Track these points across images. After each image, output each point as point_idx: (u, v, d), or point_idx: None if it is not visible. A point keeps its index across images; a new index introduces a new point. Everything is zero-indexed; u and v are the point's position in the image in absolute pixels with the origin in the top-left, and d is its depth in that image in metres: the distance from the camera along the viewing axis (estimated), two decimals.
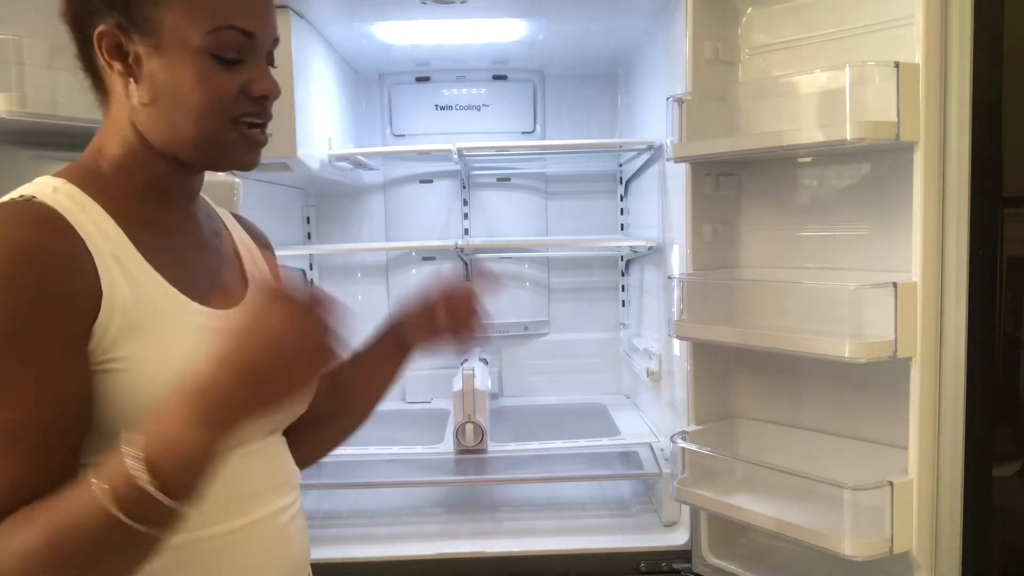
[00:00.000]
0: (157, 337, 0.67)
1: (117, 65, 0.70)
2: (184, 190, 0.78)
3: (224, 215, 0.90)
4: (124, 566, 0.59)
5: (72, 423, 0.63)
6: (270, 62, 0.76)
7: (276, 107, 0.77)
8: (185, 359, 0.64)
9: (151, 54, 0.69)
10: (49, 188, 0.68)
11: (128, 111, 0.72)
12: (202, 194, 0.86)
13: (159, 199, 0.75)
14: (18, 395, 0.61)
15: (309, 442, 0.91)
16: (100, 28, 0.69)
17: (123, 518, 0.54)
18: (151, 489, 0.55)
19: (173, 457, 0.56)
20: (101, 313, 0.65)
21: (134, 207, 0.72)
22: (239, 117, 0.72)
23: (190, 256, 0.77)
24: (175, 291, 0.71)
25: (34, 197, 0.66)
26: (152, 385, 0.65)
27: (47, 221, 0.65)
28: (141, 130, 0.72)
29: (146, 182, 0.74)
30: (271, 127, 0.79)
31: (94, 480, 0.56)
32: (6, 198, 0.67)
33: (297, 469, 0.86)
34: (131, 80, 0.70)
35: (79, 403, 0.64)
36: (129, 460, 0.55)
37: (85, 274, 0.65)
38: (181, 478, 0.56)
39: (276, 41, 0.76)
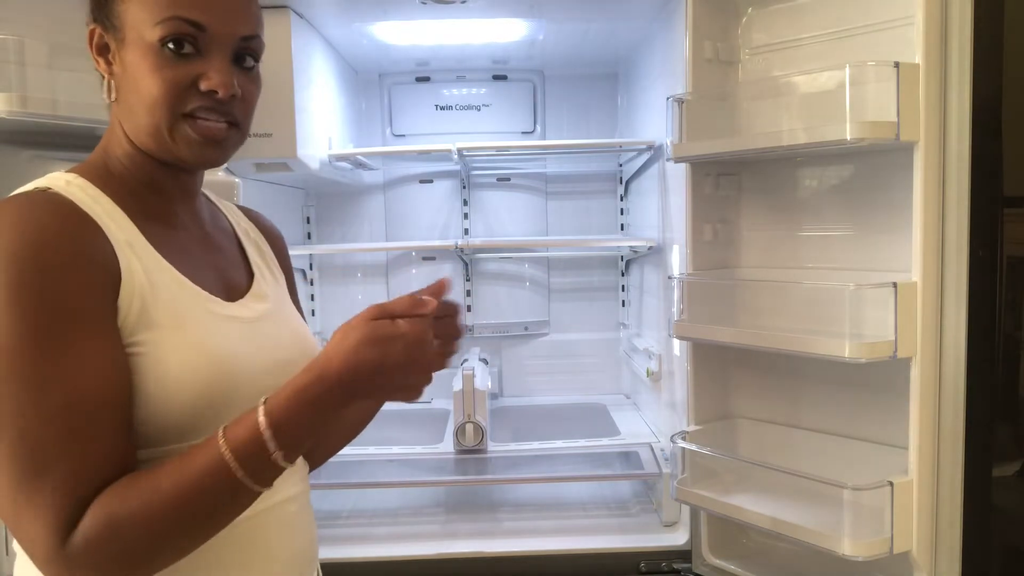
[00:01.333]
0: (173, 325, 0.69)
1: (101, 63, 0.74)
2: (181, 187, 0.79)
3: (229, 208, 0.92)
4: (229, 518, 0.66)
5: (127, 399, 0.65)
6: (241, 61, 0.76)
7: (276, 107, 0.77)
8: (201, 347, 0.70)
9: (119, 50, 0.72)
10: (62, 181, 0.70)
11: (114, 109, 0.75)
12: (206, 190, 0.88)
13: (160, 196, 0.77)
14: (77, 375, 0.62)
15: (319, 445, 0.94)
16: (89, 27, 0.73)
17: (243, 477, 0.62)
18: (274, 453, 0.62)
19: (295, 426, 0.63)
20: (122, 295, 0.66)
21: (141, 203, 0.74)
22: (191, 111, 0.72)
23: (196, 250, 0.79)
24: (187, 281, 0.73)
25: (49, 189, 0.68)
26: (169, 372, 0.67)
27: (64, 210, 0.67)
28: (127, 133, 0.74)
29: (144, 180, 0.76)
30: (271, 128, 0.79)
31: (220, 439, 0.62)
32: (21, 190, 0.69)
33: (305, 461, 0.88)
34: (110, 76, 0.74)
35: (127, 380, 0.66)
36: (259, 423, 0.62)
37: (105, 259, 0.67)
38: (295, 444, 0.64)
39: (247, 40, 0.76)
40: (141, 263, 0.70)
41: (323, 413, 0.65)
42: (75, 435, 0.61)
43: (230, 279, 0.82)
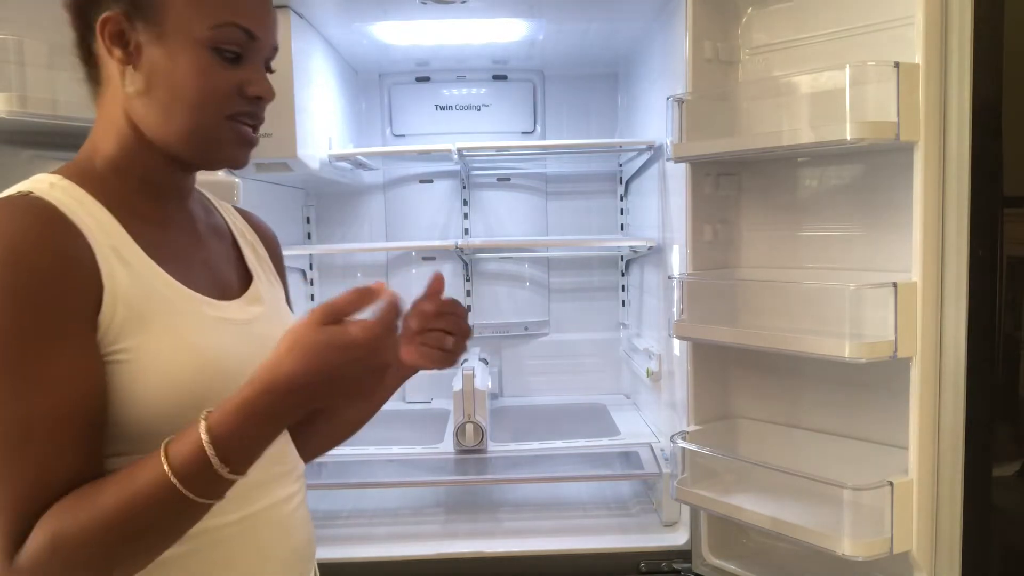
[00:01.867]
0: (163, 327, 0.68)
1: (117, 52, 0.71)
2: (177, 187, 0.79)
3: (225, 209, 0.91)
4: (179, 532, 0.64)
5: (93, 413, 0.64)
6: (268, 69, 0.78)
7: (276, 107, 0.79)
8: (193, 349, 0.69)
9: (153, 42, 0.70)
10: (46, 184, 0.69)
11: (123, 101, 0.72)
12: (201, 188, 0.87)
13: (154, 195, 0.76)
14: (39, 389, 0.61)
15: (316, 436, 0.92)
16: (105, 14, 0.70)
17: (188, 493, 0.60)
18: (219, 468, 0.60)
19: (240, 439, 0.61)
20: (103, 305, 0.65)
21: (130, 203, 0.73)
22: (233, 114, 0.73)
23: (187, 251, 0.78)
24: (177, 283, 0.72)
25: (31, 193, 0.67)
26: (160, 375, 0.67)
27: (45, 215, 0.65)
28: (135, 120, 0.72)
29: (140, 178, 0.74)
30: (271, 128, 0.81)
31: (163, 456, 0.61)
32: (3, 195, 0.68)
33: (301, 460, 0.87)
34: (129, 67, 0.71)
35: (97, 392, 0.65)
36: (202, 439, 0.60)
37: (85, 266, 0.65)
38: (244, 458, 0.62)
39: (275, 50, 0.78)
40: (127, 268, 0.68)
41: (272, 424, 0.63)
42: (29, 452, 0.61)
43: (223, 279, 0.81)
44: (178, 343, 0.69)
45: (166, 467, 0.60)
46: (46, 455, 0.61)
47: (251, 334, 0.77)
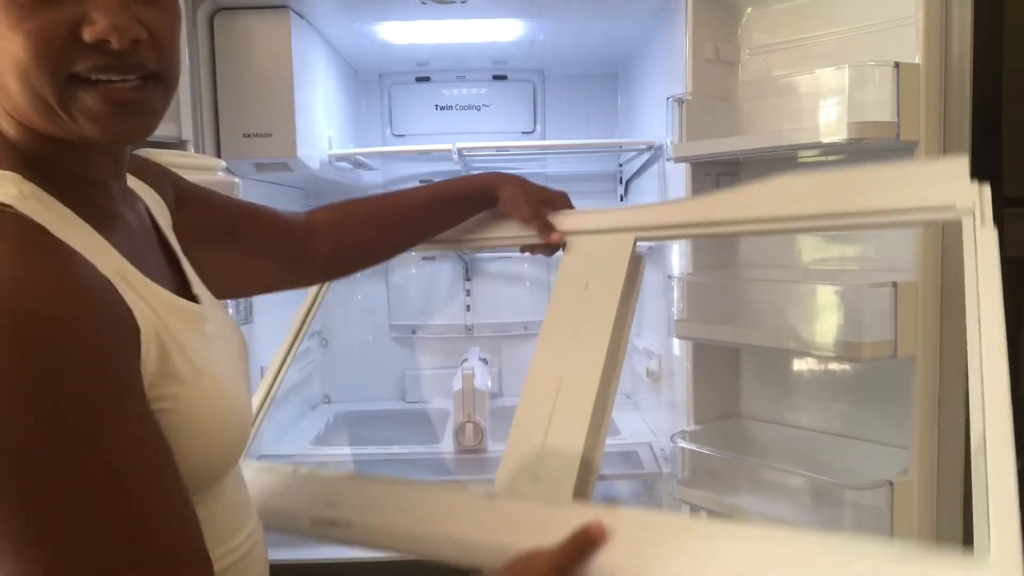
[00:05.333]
0: (191, 363, 0.56)
1: None
2: (115, 172, 0.61)
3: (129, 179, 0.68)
4: None
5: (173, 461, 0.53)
6: None
7: (276, 107, 0.71)
8: (217, 387, 0.58)
9: None
10: (14, 189, 0.51)
11: None
12: None
13: (97, 190, 0.59)
14: (126, 452, 0.48)
15: (363, 247, 0.94)
16: None
17: None
18: None
19: None
20: (142, 344, 0.52)
21: (87, 205, 0.56)
22: (80, 72, 0.51)
23: (144, 247, 0.63)
24: (175, 297, 0.60)
25: (10, 207, 0.50)
26: (200, 424, 0.56)
27: (44, 243, 0.49)
28: None
29: (73, 172, 0.57)
30: (271, 128, 0.73)
31: None
32: None
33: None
34: None
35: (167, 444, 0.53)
36: None
37: (115, 297, 0.51)
38: None
39: None
40: (140, 294, 0.54)
41: None
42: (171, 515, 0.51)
43: (172, 274, 0.66)
44: (206, 382, 0.57)
45: None
46: (165, 512, 0.50)
47: (220, 333, 0.66)
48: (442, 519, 0.77)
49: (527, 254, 1.04)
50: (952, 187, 0.72)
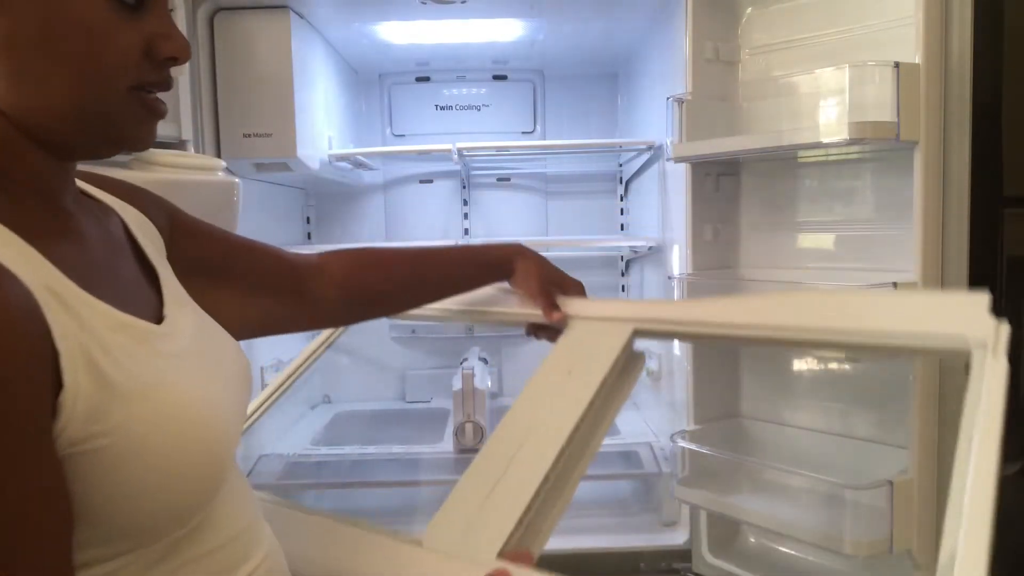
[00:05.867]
0: (134, 389, 0.50)
1: None
2: (67, 183, 0.59)
3: (104, 195, 0.67)
4: None
5: (64, 515, 0.47)
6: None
7: (276, 107, 0.70)
8: (177, 415, 0.52)
9: None
10: None
11: None
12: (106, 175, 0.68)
13: (44, 201, 0.56)
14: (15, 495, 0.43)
15: (377, 304, 0.93)
16: None
17: None
18: None
19: None
20: (65, 376, 0.46)
21: (28, 215, 0.53)
22: (138, 84, 0.53)
23: (109, 266, 0.59)
24: (124, 316, 0.54)
25: None
26: (147, 452, 0.50)
27: None
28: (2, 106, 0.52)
29: (23, 182, 0.54)
30: (271, 128, 0.71)
31: None
32: None
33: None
34: None
35: (65, 495, 0.47)
36: None
37: (33, 328, 0.45)
38: None
39: None
40: (71, 309, 0.49)
41: None
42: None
43: (144, 291, 0.62)
44: (169, 405, 0.52)
45: None
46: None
47: (204, 351, 0.62)
48: (357, 560, 0.75)
49: (532, 337, 1.04)
50: (970, 319, 0.73)
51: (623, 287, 2.37)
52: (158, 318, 0.60)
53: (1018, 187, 1.19)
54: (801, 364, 1.50)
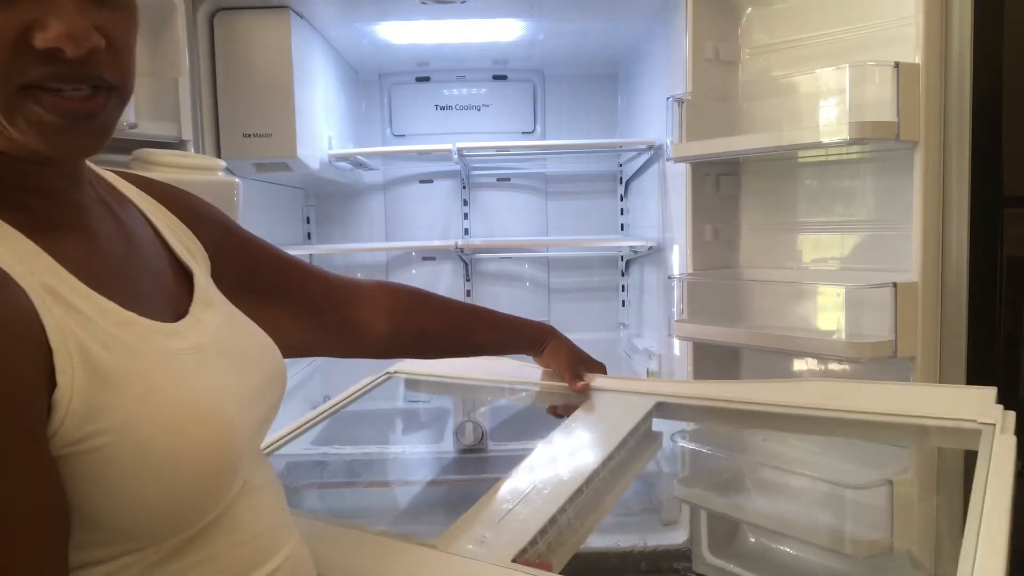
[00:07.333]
0: (137, 388, 0.49)
1: None
2: (72, 179, 0.56)
3: (133, 192, 0.66)
4: None
5: (59, 517, 0.47)
6: None
7: (276, 107, 0.69)
8: (174, 404, 0.51)
9: None
10: None
11: None
12: (100, 169, 0.64)
13: (46, 197, 0.54)
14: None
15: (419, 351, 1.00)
16: None
17: None
18: None
19: None
20: (59, 374, 0.45)
21: (28, 213, 0.51)
22: (31, 83, 0.47)
23: (121, 263, 0.57)
24: (127, 313, 0.52)
25: None
26: (148, 451, 0.48)
27: None
28: None
29: (16, 184, 0.52)
30: (271, 128, 0.70)
31: None
32: None
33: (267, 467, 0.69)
34: None
35: (58, 497, 0.46)
36: None
37: (27, 329, 0.45)
38: None
39: None
40: (72, 306, 0.48)
41: None
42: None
43: (169, 289, 0.61)
44: (177, 402, 0.51)
45: None
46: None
47: (225, 351, 0.60)
48: (369, 562, 0.75)
49: (552, 415, 1.10)
50: (978, 407, 0.82)
51: (623, 287, 2.37)
52: (182, 315, 0.58)
53: (1018, 187, 1.19)
54: (801, 364, 1.50)
